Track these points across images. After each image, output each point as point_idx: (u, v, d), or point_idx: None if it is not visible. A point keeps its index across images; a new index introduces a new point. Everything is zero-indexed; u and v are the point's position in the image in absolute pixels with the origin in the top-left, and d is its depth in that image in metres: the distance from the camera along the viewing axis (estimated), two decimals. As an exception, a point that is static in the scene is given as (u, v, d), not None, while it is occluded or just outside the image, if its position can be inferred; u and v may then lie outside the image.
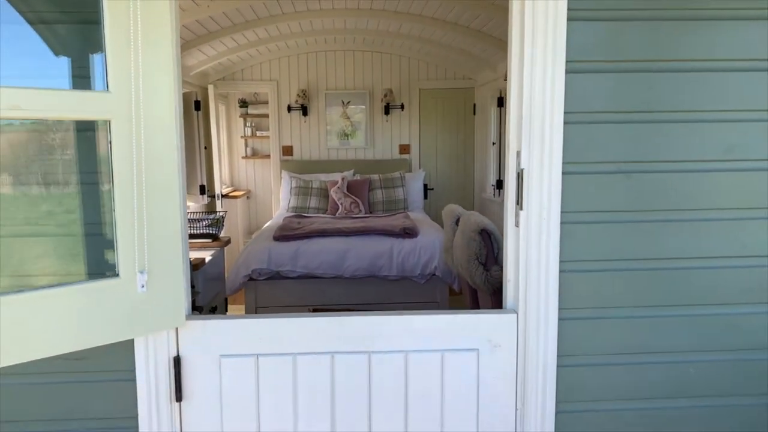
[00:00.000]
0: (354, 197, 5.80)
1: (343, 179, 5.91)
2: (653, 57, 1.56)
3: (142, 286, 1.40)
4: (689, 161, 1.59)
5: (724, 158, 1.59)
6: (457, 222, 3.77)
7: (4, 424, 1.55)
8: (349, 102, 6.47)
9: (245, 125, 7.30)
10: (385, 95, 6.39)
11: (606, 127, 1.57)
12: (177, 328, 1.54)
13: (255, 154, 7.37)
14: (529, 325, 1.60)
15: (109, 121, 1.33)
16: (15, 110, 1.22)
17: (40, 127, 1.43)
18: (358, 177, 6.15)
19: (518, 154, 1.57)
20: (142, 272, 1.40)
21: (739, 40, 1.56)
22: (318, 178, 6.09)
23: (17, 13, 1.44)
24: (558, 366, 1.62)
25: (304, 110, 6.40)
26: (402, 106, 6.48)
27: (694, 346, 1.65)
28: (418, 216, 5.56)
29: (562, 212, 1.57)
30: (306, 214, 5.68)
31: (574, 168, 1.57)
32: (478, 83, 6.31)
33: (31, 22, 1.47)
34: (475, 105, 6.47)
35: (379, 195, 5.95)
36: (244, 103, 7.22)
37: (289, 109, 6.42)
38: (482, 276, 3.12)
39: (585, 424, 1.66)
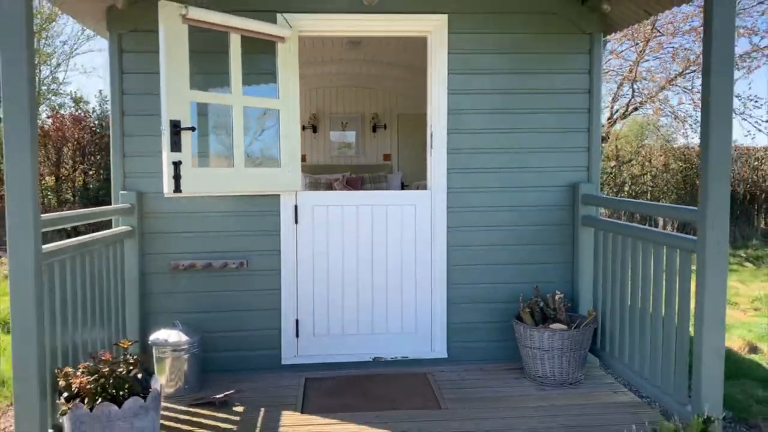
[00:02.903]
0: (351, 189, 8.17)
1: (343, 176, 8.28)
2: (487, 87, 3.97)
3: (288, 171, 3.77)
4: (498, 128, 3.99)
5: (496, 127, 4.00)
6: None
7: (221, 233, 3.86)
8: (346, 123, 8.90)
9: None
10: (373, 118, 8.83)
11: (466, 116, 3.97)
12: (296, 192, 3.89)
13: (274, 163, 9.73)
14: (435, 195, 3.98)
15: (279, 110, 3.72)
16: (250, 102, 3.60)
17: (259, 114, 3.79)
18: (353, 176, 8.52)
19: (430, 126, 3.97)
20: (287, 165, 3.76)
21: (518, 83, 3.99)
22: (324, 177, 8.44)
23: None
24: (447, 213, 3.99)
25: (314, 128, 8.81)
26: (385, 126, 8.91)
27: (505, 202, 4.02)
28: (396, 200, 7.94)
29: (447, 148, 3.96)
30: (317, 200, 8.03)
31: (453, 132, 3.97)
32: (440, 110, 8.76)
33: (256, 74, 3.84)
34: (438, 125, 8.93)
35: (368, 188, 8.32)
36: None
37: (303, 127, 8.83)
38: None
39: (460, 236, 4.01)
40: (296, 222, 3.92)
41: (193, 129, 3.28)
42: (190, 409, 3.35)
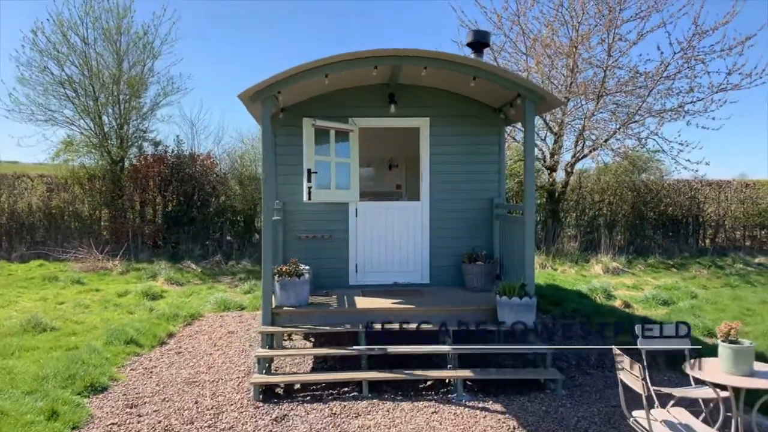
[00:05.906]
0: (375, 207, 12.37)
1: (367, 199, 12.50)
2: (450, 151, 8.23)
3: (353, 191, 8.04)
4: (455, 171, 8.24)
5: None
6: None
7: (321, 220, 8.09)
8: (369, 163, 13.16)
9: (314, 175, 13.97)
10: (389, 160, 13.09)
11: (439, 165, 8.22)
12: (357, 202, 8.15)
13: (319, 190, 14.00)
14: (423, 204, 8.24)
15: (350, 163, 8.01)
16: (338, 160, 7.90)
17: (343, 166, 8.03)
18: (374, 199, 12.73)
19: (421, 169, 8.25)
20: (353, 189, 8.04)
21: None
22: (356, 199, 12.65)
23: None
24: (429, 212, 8.23)
25: (349, 167, 13.07)
26: (397, 165, 13.18)
27: (459, 207, 8.24)
28: (404, 214, 12.20)
29: (429, 180, 8.22)
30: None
31: (433, 173, 8.22)
32: (434, 155, 13.03)
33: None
34: (433, 165, 13.20)
35: (386, 207, 12.54)
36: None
37: (342, 166, 13.10)
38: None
39: (436, 223, 8.23)
40: (356, 216, 8.17)
41: (315, 172, 7.55)
42: (312, 296, 7.53)
